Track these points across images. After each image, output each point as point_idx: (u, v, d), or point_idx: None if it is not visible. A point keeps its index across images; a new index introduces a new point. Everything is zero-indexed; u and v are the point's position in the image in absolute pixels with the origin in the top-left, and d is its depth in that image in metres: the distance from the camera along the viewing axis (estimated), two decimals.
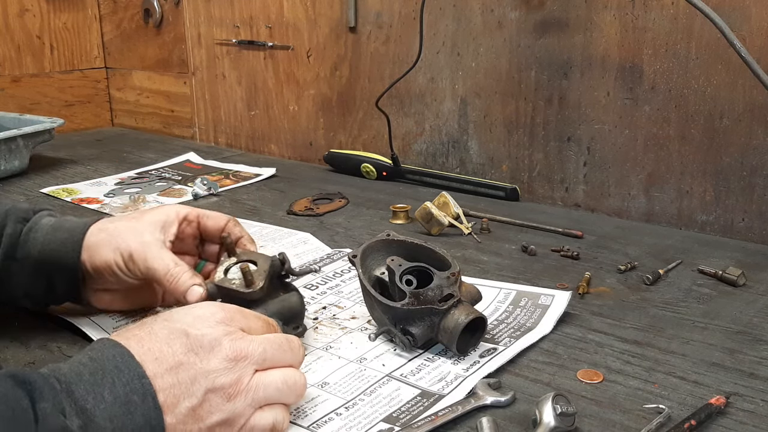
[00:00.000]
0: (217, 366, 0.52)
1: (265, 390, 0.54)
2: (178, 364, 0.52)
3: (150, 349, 0.52)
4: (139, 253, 0.70)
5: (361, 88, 1.43)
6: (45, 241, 0.72)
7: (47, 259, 0.72)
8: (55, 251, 0.72)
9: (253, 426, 0.54)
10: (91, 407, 0.47)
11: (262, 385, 0.54)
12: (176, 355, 0.52)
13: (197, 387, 0.52)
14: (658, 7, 1.04)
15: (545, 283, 0.86)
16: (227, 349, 0.53)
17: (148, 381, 0.50)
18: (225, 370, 0.53)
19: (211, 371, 0.52)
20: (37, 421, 0.44)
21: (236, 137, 1.71)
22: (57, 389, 0.47)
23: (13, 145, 1.36)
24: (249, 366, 0.54)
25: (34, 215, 0.75)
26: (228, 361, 0.53)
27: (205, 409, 0.52)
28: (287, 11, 1.51)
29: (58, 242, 0.72)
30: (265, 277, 0.68)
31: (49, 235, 0.73)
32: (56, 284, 0.73)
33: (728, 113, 1.01)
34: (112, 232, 0.72)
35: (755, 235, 1.02)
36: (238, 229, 0.77)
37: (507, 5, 1.19)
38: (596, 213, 1.17)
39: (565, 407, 0.56)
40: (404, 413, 0.59)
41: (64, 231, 0.73)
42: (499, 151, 1.26)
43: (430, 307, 0.66)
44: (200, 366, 0.52)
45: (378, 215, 1.14)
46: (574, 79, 1.14)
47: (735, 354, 0.69)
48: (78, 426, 0.46)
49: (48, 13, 1.84)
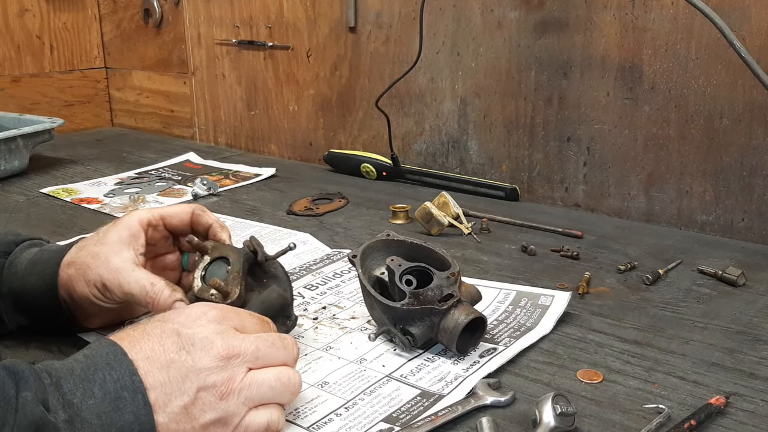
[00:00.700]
0: (209, 364, 0.52)
1: (258, 388, 0.54)
2: (170, 362, 0.52)
3: (142, 348, 0.52)
4: (111, 281, 0.67)
5: (360, 88, 1.43)
6: (24, 277, 0.71)
7: (29, 297, 0.70)
8: (34, 289, 0.70)
9: (248, 425, 0.53)
10: (79, 401, 0.48)
11: (255, 384, 0.54)
12: (168, 353, 0.52)
13: (189, 385, 0.51)
14: (658, 7, 1.04)
15: (545, 283, 0.86)
16: (219, 347, 0.53)
17: (139, 378, 0.50)
18: (217, 368, 0.52)
19: (202, 369, 0.52)
20: (16, 410, 0.45)
21: (236, 137, 1.71)
22: (45, 382, 0.48)
23: (13, 145, 1.36)
24: (241, 364, 0.53)
25: (15, 248, 0.74)
26: (220, 360, 0.53)
27: (197, 408, 0.52)
28: (287, 11, 1.51)
29: (36, 278, 0.70)
30: (239, 280, 0.67)
31: (27, 271, 0.71)
32: (43, 318, 0.72)
33: (728, 113, 1.01)
34: (80, 265, 0.69)
35: (755, 235, 1.02)
36: (204, 219, 0.74)
37: (507, 5, 1.19)
38: (596, 213, 1.17)
39: (565, 407, 0.56)
40: (404, 413, 0.59)
41: (41, 265, 0.71)
42: (499, 151, 1.26)
43: (430, 307, 0.66)
44: (191, 364, 0.52)
45: (378, 215, 1.14)
46: (573, 79, 1.14)
47: (735, 354, 0.69)
48: (63, 419, 0.46)
49: (48, 13, 1.84)
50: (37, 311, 0.71)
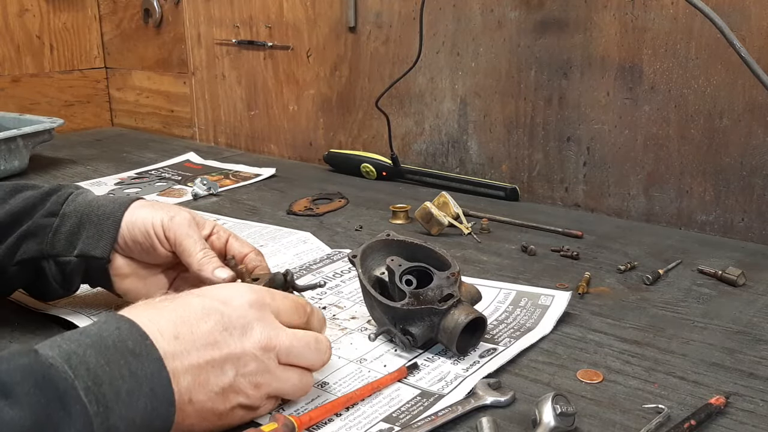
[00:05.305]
0: (250, 350, 0.54)
1: (283, 385, 0.57)
2: (214, 342, 0.53)
3: (184, 323, 0.53)
4: (173, 228, 0.71)
5: (360, 88, 1.43)
6: (92, 199, 0.74)
7: (93, 210, 0.73)
8: (102, 206, 0.73)
9: (263, 413, 0.57)
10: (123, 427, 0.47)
11: (282, 380, 0.56)
12: (213, 334, 0.53)
13: (228, 367, 0.53)
14: (657, 7, 1.04)
15: (545, 283, 0.86)
16: (259, 335, 0.55)
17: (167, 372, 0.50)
18: (255, 357, 0.54)
19: (243, 354, 0.54)
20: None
21: (236, 137, 1.71)
22: (91, 411, 0.45)
23: (12, 145, 1.36)
24: (275, 357, 0.55)
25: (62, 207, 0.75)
26: (258, 349, 0.54)
27: (233, 390, 0.53)
28: (287, 11, 1.51)
29: (105, 199, 0.74)
30: None
31: (94, 197, 0.75)
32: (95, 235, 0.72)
33: (728, 113, 1.01)
34: (154, 204, 0.75)
35: (755, 235, 1.02)
36: (258, 258, 0.76)
37: (507, 5, 1.19)
38: (596, 213, 1.17)
39: (565, 407, 0.56)
40: (404, 413, 0.59)
41: (109, 201, 0.75)
42: (499, 151, 1.26)
43: (430, 307, 0.66)
44: (233, 347, 0.53)
45: (378, 215, 1.14)
46: (573, 79, 1.14)
47: (735, 354, 0.69)
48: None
49: (48, 13, 1.84)
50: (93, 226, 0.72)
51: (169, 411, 0.50)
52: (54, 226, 0.72)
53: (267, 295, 0.58)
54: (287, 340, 0.56)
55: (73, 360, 0.46)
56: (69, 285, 0.74)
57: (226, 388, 0.53)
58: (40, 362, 0.45)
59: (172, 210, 0.74)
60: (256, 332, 0.55)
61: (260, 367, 0.54)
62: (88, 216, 0.72)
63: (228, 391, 0.53)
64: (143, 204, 0.74)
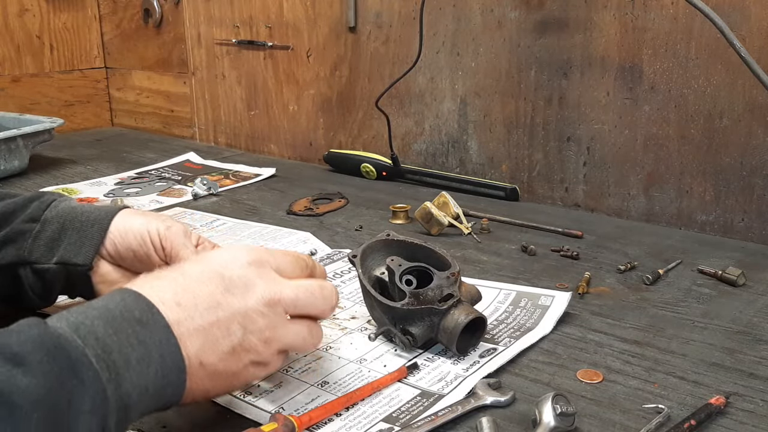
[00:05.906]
0: (255, 307, 0.54)
1: (293, 338, 0.56)
2: (217, 304, 0.53)
3: (186, 292, 0.53)
4: (168, 237, 0.71)
5: (361, 88, 1.43)
6: (76, 206, 0.73)
7: (76, 216, 0.72)
8: (87, 212, 0.72)
9: (276, 368, 0.57)
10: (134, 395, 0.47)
11: (291, 334, 0.56)
12: (215, 296, 0.53)
13: (236, 327, 0.53)
14: (657, 7, 1.04)
15: (545, 283, 0.86)
16: (262, 291, 0.54)
17: (174, 338, 0.50)
18: (261, 313, 0.54)
19: (248, 311, 0.54)
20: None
21: (236, 137, 1.71)
22: (104, 378, 0.46)
23: (12, 145, 1.36)
24: (281, 312, 0.55)
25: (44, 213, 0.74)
26: (263, 305, 0.54)
27: (244, 348, 0.53)
28: (287, 11, 1.51)
29: (89, 207, 0.73)
30: None
31: (78, 205, 0.74)
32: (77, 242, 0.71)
33: (728, 113, 1.01)
34: (145, 213, 0.74)
35: (755, 235, 1.02)
36: None
37: (507, 5, 1.19)
38: (596, 213, 1.17)
39: (565, 407, 0.56)
40: (404, 413, 0.59)
41: (94, 210, 0.74)
42: (499, 151, 1.26)
43: (430, 307, 0.66)
44: (238, 306, 0.53)
45: (378, 215, 1.14)
46: (573, 79, 1.14)
47: (735, 354, 0.70)
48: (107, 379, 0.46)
49: (48, 13, 1.84)
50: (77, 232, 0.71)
51: (180, 377, 0.50)
52: (34, 232, 0.71)
53: (265, 253, 0.58)
54: (291, 291, 0.56)
55: (81, 330, 0.46)
56: (47, 294, 0.72)
57: (236, 347, 0.53)
58: (49, 333, 0.45)
59: (167, 220, 0.73)
60: (258, 289, 0.54)
61: (268, 323, 0.54)
62: (71, 222, 0.71)
63: (238, 349, 0.53)
64: (134, 212, 0.74)
